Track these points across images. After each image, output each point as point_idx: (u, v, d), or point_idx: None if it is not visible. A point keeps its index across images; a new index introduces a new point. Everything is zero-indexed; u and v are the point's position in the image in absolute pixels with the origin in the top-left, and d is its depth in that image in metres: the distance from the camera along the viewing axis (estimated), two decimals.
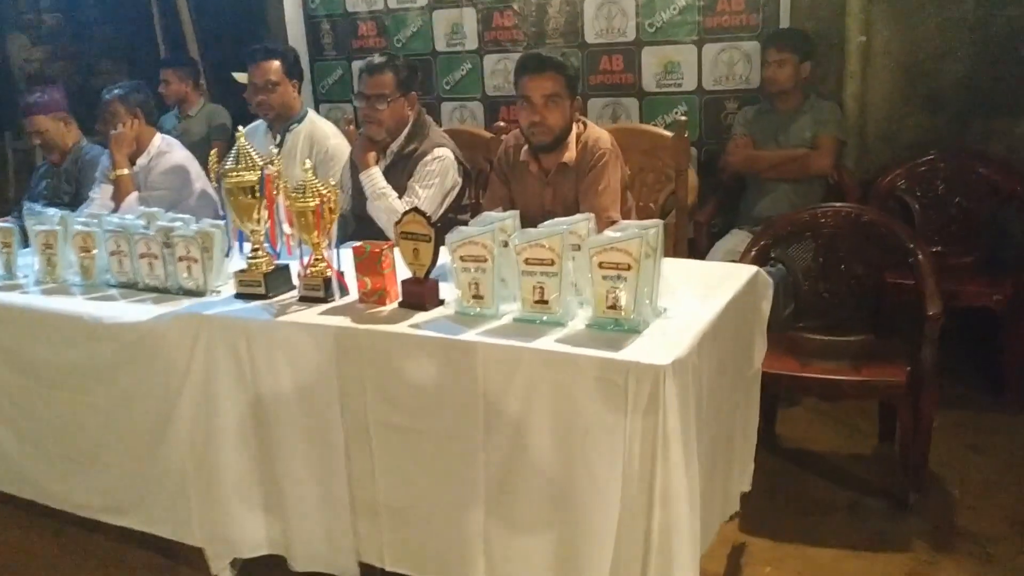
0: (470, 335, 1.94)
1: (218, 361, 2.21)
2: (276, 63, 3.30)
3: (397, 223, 2.13)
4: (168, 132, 4.76)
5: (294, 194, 2.22)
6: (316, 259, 2.26)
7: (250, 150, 2.29)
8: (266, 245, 2.35)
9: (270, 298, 2.31)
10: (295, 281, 2.31)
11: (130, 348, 2.34)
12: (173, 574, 2.57)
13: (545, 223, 2.05)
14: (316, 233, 2.22)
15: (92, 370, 2.44)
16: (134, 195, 3.36)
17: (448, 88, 4.57)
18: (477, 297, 2.04)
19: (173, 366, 2.28)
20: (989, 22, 3.40)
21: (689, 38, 3.93)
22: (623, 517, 1.81)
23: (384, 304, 2.17)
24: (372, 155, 2.95)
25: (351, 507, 2.16)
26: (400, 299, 2.16)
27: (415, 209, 2.11)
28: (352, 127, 3.61)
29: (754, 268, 2.35)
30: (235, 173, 2.26)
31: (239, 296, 2.34)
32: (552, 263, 1.93)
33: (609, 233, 1.89)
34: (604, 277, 1.89)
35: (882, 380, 2.53)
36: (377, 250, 2.15)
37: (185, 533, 2.43)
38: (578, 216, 2.08)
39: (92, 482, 2.59)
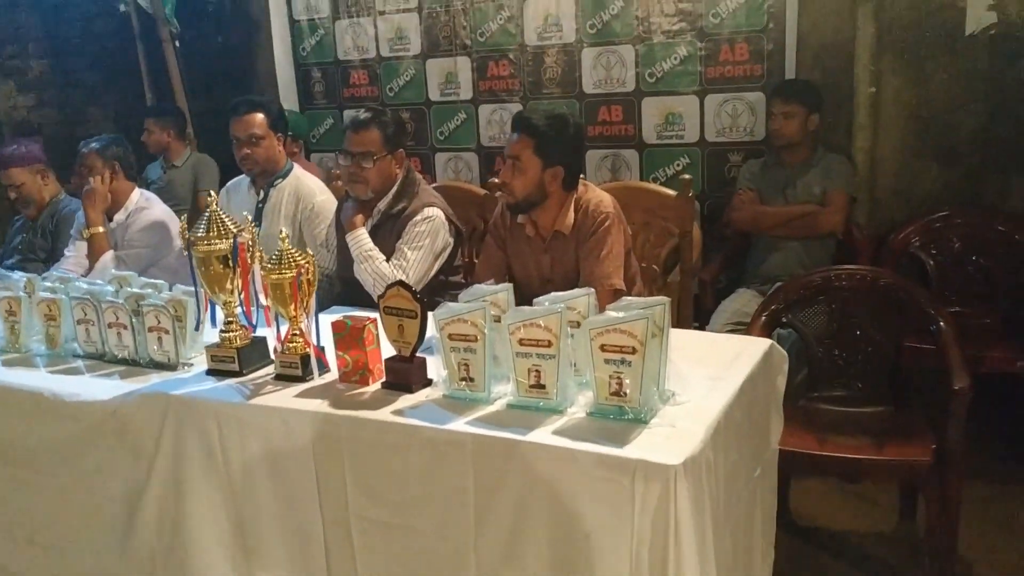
0: (459, 424, 1.76)
1: (187, 445, 2.03)
2: (260, 116, 3.14)
3: (380, 297, 1.96)
4: (154, 182, 4.65)
5: (269, 265, 2.05)
6: (293, 334, 2.09)
7: (222, 215, 2.12)
8: (240, 317, 2.17)
9: (244, 375, 2.13)
10: (272, 355, 2.14)
11: (94, 429, 2.15)
12: None
13: (544, 297, 1.89)
14: (293, 306, 2.05)
15: (56, 451, 2.24)
16: (109, 254, 3.19)
17: (442, 138, 4.43)
18: (467, 379, 1.86)
19: (140, 449, 2.10)
20: (1004, 74, 3.27)
21: (691, 89, 3.80)
22: None
23: (367, 384, 1.99)
24: (360, 217, 2.79)
25: None
26: (384, 378, 1.99)
27: (400, 283, 1.94)
28: (340, 183, 3.46)
29: (768, 342, 2.18)
30: (205, 241, 2.10)
31: (211, 372, 2.16)
32: (549, 344, 1.76)
33: (611, 313, 1.72)
34: (607, 361, 1.71)
35: (906, 460, 2.35)
36: (359, 325, 1.98)
37: None
38: (577, 291, 1.91)
39: (60, 570, 2.38)
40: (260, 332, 2.21)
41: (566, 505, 1.64)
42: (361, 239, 2.74)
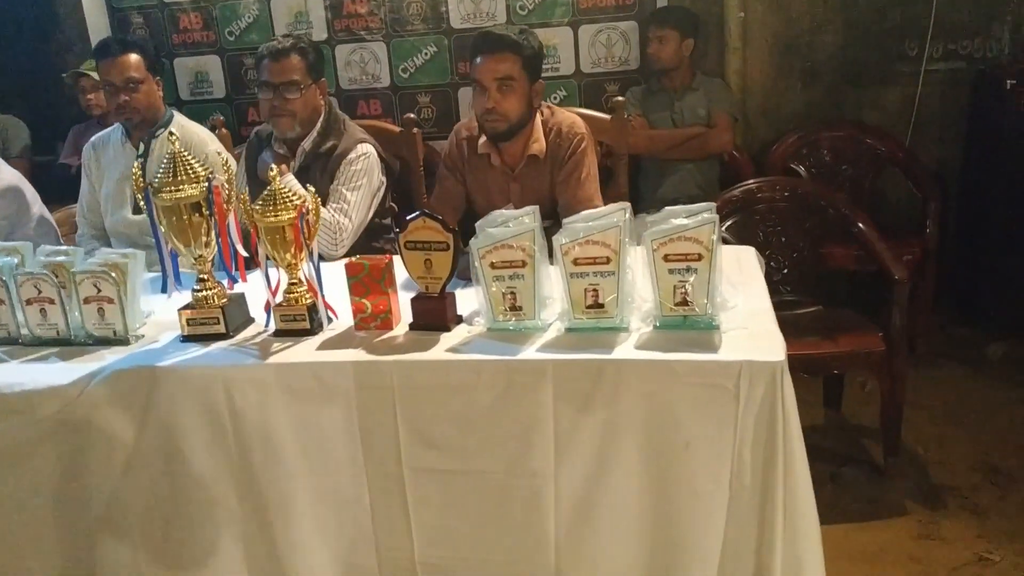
0: (530, 352, 1.66)
1: (183, 422, 1.77)
2: (135, 56, 2.73)
3: (401, 231, 1.80)
4: None
5: (260, 206, 1.81)
6: (292, 283, 1.87)
7: (187, 156, 1.84)
8: (220, 272, 1.92)
9: (231, 336, 1.88)
10: (265, 310, 1.90)
11: (47, 422, 1.81)
12: None
13: (576, 216, 1.81)
14: (293, 251, 1.83)
15: None
16: None
17: None
18: (514, 309, 1.76)
19: (115, 437, 1.79)
20: None
21: (564, 20, 3.78)
22: (729, 534, 1.63)
23: (390, 328, 1.83)
24: (284, 163, 2.53)
25: (380, 574, 1.81)
26: (411, 321, 1.83)
27: (425, 214, 1.78)
28: (225, 130, 3.12)
29: (751, 248, 2.25)
30: (173, 187, 1.81)
31: (189, 339, 1.89)
32: (608, 261, 1.70)
33: (675, 221, 1.69)
34: (671, 271, 1.68)
35: (864, 350, 2.53)
36: (379, 265, 1.80)
37: None
38: (611, 206, 1.86)
39: None
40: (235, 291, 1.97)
41: (662, 418, 1.60)
42: (293, 185, 2.49)
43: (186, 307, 1.90)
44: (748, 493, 1.60)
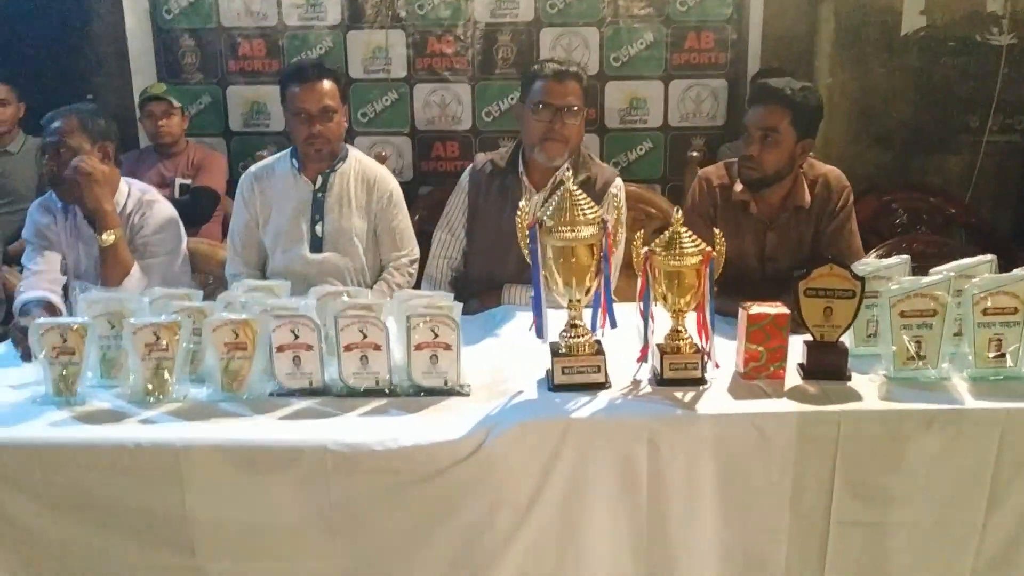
0: (971, 401, 1.68)
1: (591, 478, 1.65)
2: (330, 84, 2.51)
3: (802, 278, 1.77)
4: None
5: (662, 250, 1.73)
6: (677, 330, 1.79)
7: (580, 197, 1.73)
8: (593, 318, 1.80)
9: (609, 386, 1.77)
10: (649, 357, 1.80)
11: (422, 481, 1.62)
12: None
13: (940, 267, 1.86)
14: (689, 298, 1.75)
15: (322, 523, 1.64)
16: (136, 270, 2.34)
17: (365, 120, 3.94)
18: (919, 357, 1.76)
19: (504, 496, 1.64)
20: (930, 69, 3.83)
21: (655, 74, 3.85)
22: None
23: (781, 376, 1.78)
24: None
25: None
26: (805, 369, 1.79)
27: (833, 260, 1.76)
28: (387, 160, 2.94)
29: None
30: (570, 228, 1.70)
31: (560, 388, 1.76)
32: (1015, 311, 1.75)
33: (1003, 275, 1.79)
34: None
35: None
36: (785, 313, 1.76)
37: None
38: (979, 258, 1.91)
39: None
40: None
41: None
42: None
43: (560, 354, 1.77)
44: None
